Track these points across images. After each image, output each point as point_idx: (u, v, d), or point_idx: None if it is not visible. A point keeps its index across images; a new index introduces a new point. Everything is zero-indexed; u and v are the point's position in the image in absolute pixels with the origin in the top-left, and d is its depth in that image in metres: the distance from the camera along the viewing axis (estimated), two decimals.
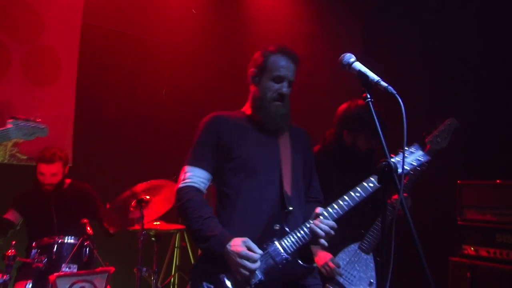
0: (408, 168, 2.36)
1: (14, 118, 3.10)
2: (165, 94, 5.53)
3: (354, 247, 3.07)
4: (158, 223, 4.52)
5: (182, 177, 2.34)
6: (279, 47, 2.41)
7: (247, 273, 2.09)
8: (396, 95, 1.75)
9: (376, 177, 2.13)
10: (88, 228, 3.49)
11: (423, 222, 4.70)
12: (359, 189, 2.28)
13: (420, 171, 2.52)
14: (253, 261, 2.09)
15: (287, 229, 2.23)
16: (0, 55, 4.67)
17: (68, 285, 3.17)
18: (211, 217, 2.23)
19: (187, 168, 2.34)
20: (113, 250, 4.14)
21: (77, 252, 3.46)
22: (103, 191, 4.30)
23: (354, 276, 3.00)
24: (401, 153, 2.24)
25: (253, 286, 2.12)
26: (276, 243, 2.20)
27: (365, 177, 2.37)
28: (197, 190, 2.31)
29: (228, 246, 2.11)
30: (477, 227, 4.07)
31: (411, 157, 2.35)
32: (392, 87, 1.81)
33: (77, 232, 3.59)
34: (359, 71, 1.89)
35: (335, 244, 2.96)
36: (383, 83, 1.81)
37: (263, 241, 2.20)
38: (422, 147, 2.37)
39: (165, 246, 5.10)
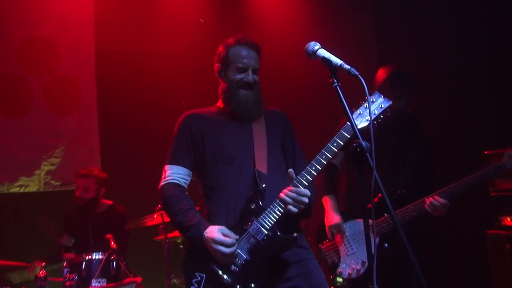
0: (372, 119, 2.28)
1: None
2: (185, 105, 5.63)
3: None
4: None
5: (163, 176, 2.48)
6: (237, 39, 2.52)
7: (222, 257, 2.20)
8: (359, 76, 1.83)
9: (340, 135, 2.26)
10: (112, 243, 3.63)
11: (457, 199, 4.57)
12: (324, 151, 2.28)
13: (386, 118, 2.40)
14: (227, 245, 2.19)
15: (263, 206, 2.31)
16: (23, 90, 4.98)
17: None
18: (190, 208, 2.36)
19: (167, 167, 2.49)
20: (143, 261, 4.28)
21: (105, 267, 3.61)
22: (134, 205, 4.48)
23: (352, 249, 3.08)
24: (363, 105, 2.27)
25: (239, 266, 2.23)
26: (255, 221, 2.28)
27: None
28: (178, 185, 2.45)
29: (204, 233, 2.24)
30: (511, 197, 3.89)
31: (373, 106, 2.29)
32: (355, 68, 1.88)
33: (104, 247, 3.74)
34: (323, 57, 1.96)
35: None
36: (346, 66, 1.89)
37: (243, 222, 2.31)
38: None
39: None
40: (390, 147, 3.26)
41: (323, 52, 1.98)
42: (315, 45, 2.00)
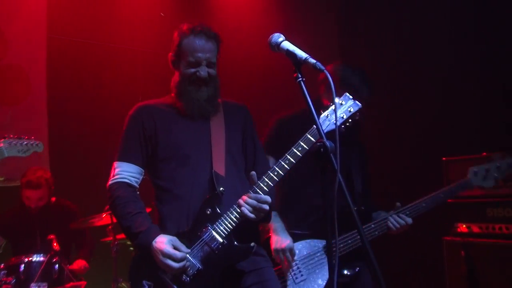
0: (338, 123, 2.18)
1: (6, 138, 3.25)
2: (142, 100, 5.42)
3: (319, 244, 2.71)
4: None
5: (112, 173, 2.28)
6: (192, 27, 2.29)
7: (170, 271, 2.04)
8: (325, 70, 1.74)
9: (305, 139, 2.12)
10: (55, 244, 3.42)
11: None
12: (288, 156, 2.13)
13: (354, 122, 2.26)
14: (176, 260, 2.02)
15: (219, 211, 2.14)
16: None
17: None
18: (140, 213, 2.18)
19: (116, 164, 2.29)
20: (90, 263, 4.05)
21: (46, 270, 3.39)
22: (82, 204, 4.27)
23: (302, 275, 2.65)
24: (330, 108, 2.15)
25: (191, 276, 2.07)
26: (210, 228, 2.12)
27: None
28: (128, 185, 2.26)
29: (153, 243, 2.07)
30: (467, 203, 3.90)
31: (341, 110, 2.19)
32: (321, 63, 1.78)
33: (46, 249, 3.51)
34: (287, 50, 1.85)
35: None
36: (312, 60, 1.79)
37: (197, 228, 2.14)
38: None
39: None
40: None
41: (287, 45, 1.86)
42: (278, 37, 1.89)
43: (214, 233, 2.10)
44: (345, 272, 2.68)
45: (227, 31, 5.56)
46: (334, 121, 2.10)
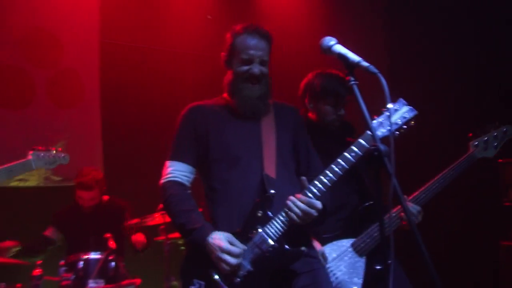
0: (393, 129, 2.14)
1: (35, 150, 3.35)
2: (190, 102, 5.52)
3: (346, 243, 2.67)
4: None
5: (164, 172, 2.32)
6: (245, 26, 2.31)
7: (227, 267, 2.04)
8: (378, 74, 1.73)
9: (358, 145, 2.10)
10: (111, 242, 3.51)
11: (468, 208, 4.45)
12: (341, 161, 2.10)
13: (407, 129, 2.22)
14: (234, 255, 2.04)
15: (270, 214, 2.14)
16: (25, 82, 4.88)
17: None
18: (193, 210, 2.21)
19: (168, 163, 2.32)
20: (143, 262, 4.16)
21: (103, 267, 3.49)
22: (135, 203, 4.34)
23: (337, 278, 2.60)
24: (384, 114, 2.12)
25: (241, 277, 2.07)
26: (261, 230, 2.12)
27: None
28: (180, 184, 2.28)
29: (209, 239, 2.08)
30: None
31: (396, 116, 2.16)
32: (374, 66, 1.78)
33: (101, 247, 3.62)
34: (339, 54, 1.86)
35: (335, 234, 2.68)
36: (364, 63, 1.79)
37: (247, 230, 2.14)
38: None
39: None
40: None
41: (339, 48, 1.87)
42: (330, 40, 1.89)
43: (265, 236, 2.10)
44: (377, 266, 2.62)
45: (273, 30, 5.64)
46: (389, 127, 2.08)
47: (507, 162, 3.89)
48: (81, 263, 3.49)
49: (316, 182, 2.09)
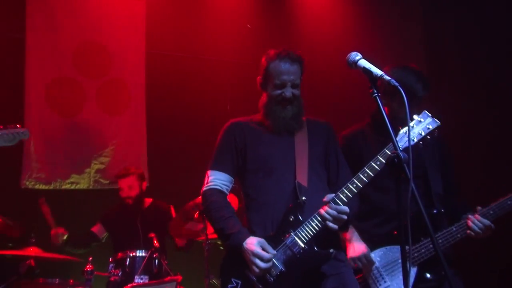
0: (417, 140, 2.29)
1: None
2: (230, 110, 5.73)
3: (399, 250, 2.63)
4: None
5: (205, 181, 2.53)
6: (277, 52, 2.49)
7: (257, 270, 2.22)
8: (399, 87, 1.83)
9: (384, 154, 2.26)
10: (155, 242, 3.74)
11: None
12: (367, 169, 2.27)
13: (431, 139, 2.31)
14: (264, 260, 2.21)
15: (301, 219, 2.32)
16: (76, 92, 5.24)
17: None
18: (231, 217, 2.40)
19: (209, 172, 2.54)
20: (185, 261, 4.39)
21: (148, 264, 3.72)
22: (177, 208, 4.51)
23: (385, 282, 2.65)
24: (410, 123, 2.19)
25: (274, 277, 2.25)
26: (293, 234, 2.29)
27: None
28: (219, 192, 2.49)
29: (244, 244, 2.27)
30: None
31: (419, 127, 2.28)
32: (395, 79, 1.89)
33: (148, 246, 3.86)
34: (364, 68, 1.98)
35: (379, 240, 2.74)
36: (386, 77, 1.90)
37: (280, 234, 2.32)
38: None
39: None
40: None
41: (363, 63, 1.99)
42: (356, 56, 2.02)
43: (296, 239, 2.28)
44: (428, 276, 2.65)
45: (310, 41, 5.77)
46: (410, 139, 2.21)
47: None
48: (128, 260, 3.75)
49: (344, 190, 2.28)
